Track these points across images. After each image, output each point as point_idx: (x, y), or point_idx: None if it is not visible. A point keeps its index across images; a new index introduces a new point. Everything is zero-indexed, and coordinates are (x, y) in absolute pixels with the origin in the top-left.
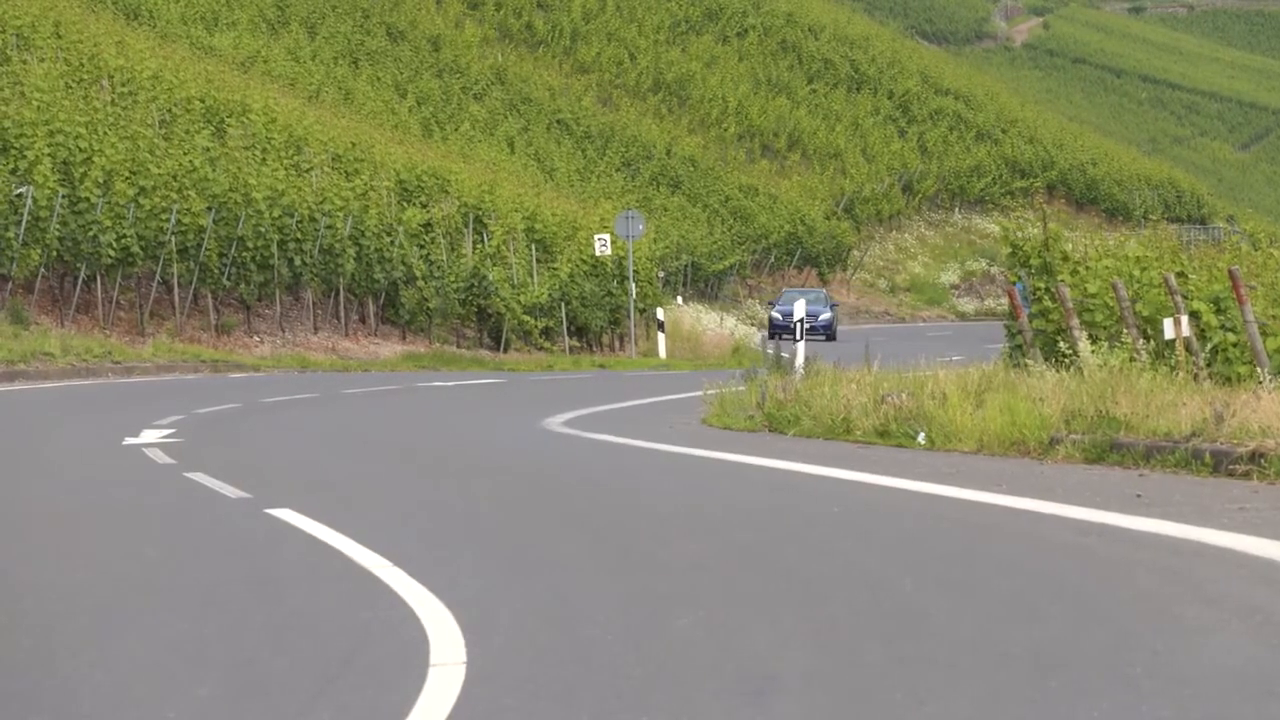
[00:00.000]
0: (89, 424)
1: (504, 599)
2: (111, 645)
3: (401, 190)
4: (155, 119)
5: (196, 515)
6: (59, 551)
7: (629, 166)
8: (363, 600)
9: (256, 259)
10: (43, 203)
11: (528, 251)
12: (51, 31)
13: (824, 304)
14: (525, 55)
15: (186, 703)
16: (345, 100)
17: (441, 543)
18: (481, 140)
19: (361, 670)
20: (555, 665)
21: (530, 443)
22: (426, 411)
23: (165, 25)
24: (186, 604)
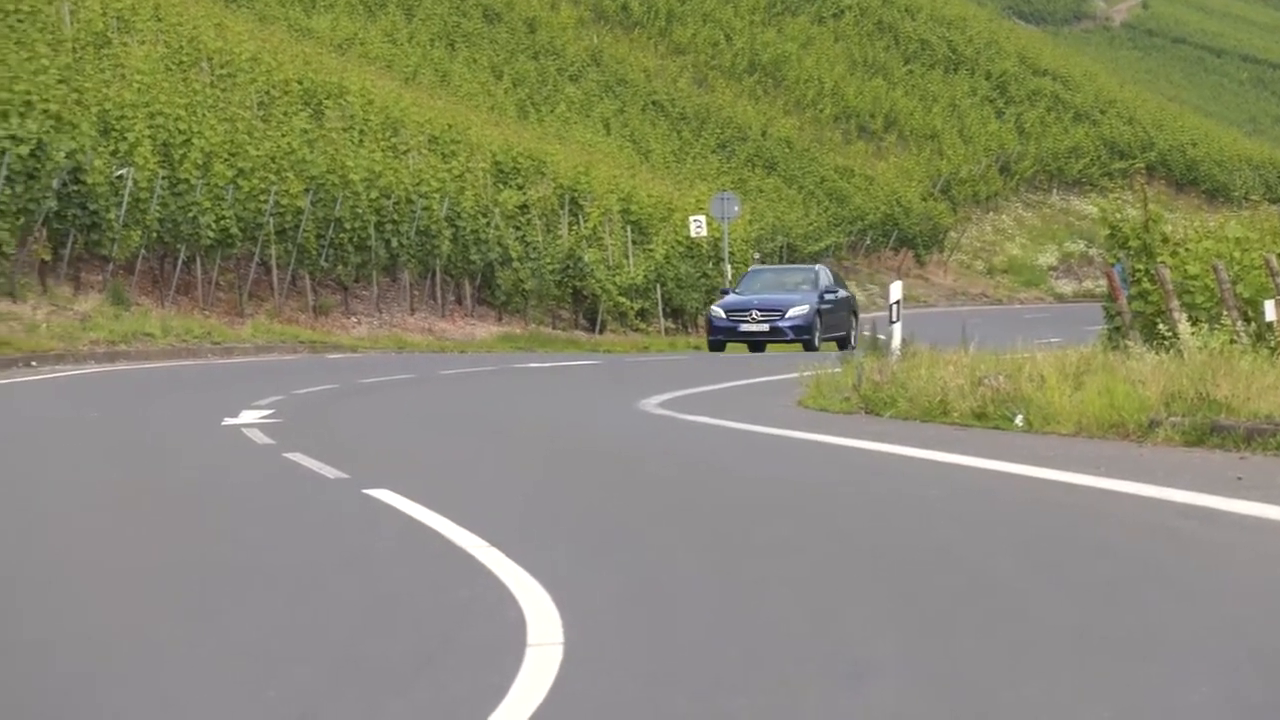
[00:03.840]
0: (188, 404)
1: (600, 580)
2: (211, 625)
3: (498, 172)
4: (254, 101)
5: (295, 496)
6: (158, 532)
7: (724, 148)
8: (460, 580)
9: (354, 240)
10: (143, 184)
11: (623, 233)
12: (152, 14)
13: (811, 289)
14: (621, 37)
15: (286, 682)
16: (442, 82)
17: (538, 523)
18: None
19: (459, 650)
20: (652, 646)
21: (626, 424)
22: (522, 392)
23: (264, 7)
24: (285, 583)
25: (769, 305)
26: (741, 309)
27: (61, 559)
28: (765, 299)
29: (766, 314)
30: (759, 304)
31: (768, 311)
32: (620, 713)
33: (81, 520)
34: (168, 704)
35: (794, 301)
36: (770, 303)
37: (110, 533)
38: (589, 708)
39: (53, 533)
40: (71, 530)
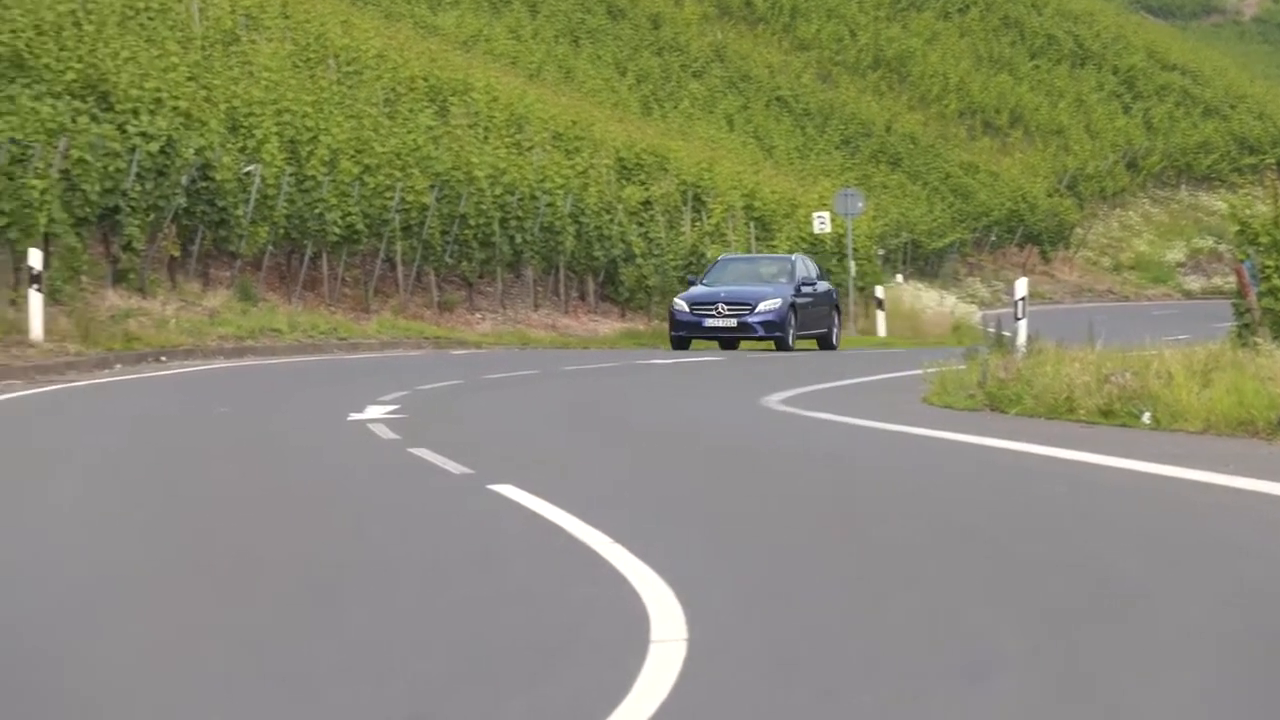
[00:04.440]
0: (314, 399)
1: (724, 576)
2: (337, 619)
3: (621, 168)
4: (380, 98)
5: (420, 491)
6: (285, 526)
7: (848, 144)
8: (584, 576)
9: (478, 237)
10: (270, 181)
11: (746, 229)
12: (279, 12)
13: (786, 280)
14: (745, 32)
15: (411, 677)
16: (566, 79)
17: (661, 519)
18: (700, 118)
19: (583, 646)
20: (775, 643)
21: (749, 420)
22: (646, 388)
23: (390, 5)
24: (411, 579)
25: (737, 298)
26: (707, 302)
27: (191, 554)
28: (734, 291)
29: (734, 308)
30: (726, 297)
31: (735, 305)
32: (744, 710)
33: (211, 515)
34: (295, 697)
35: (765, 295)
36: (739, 295)
37: (238, 528)
38: (712, 705)
39: (184, 528)
40: (202, 526)
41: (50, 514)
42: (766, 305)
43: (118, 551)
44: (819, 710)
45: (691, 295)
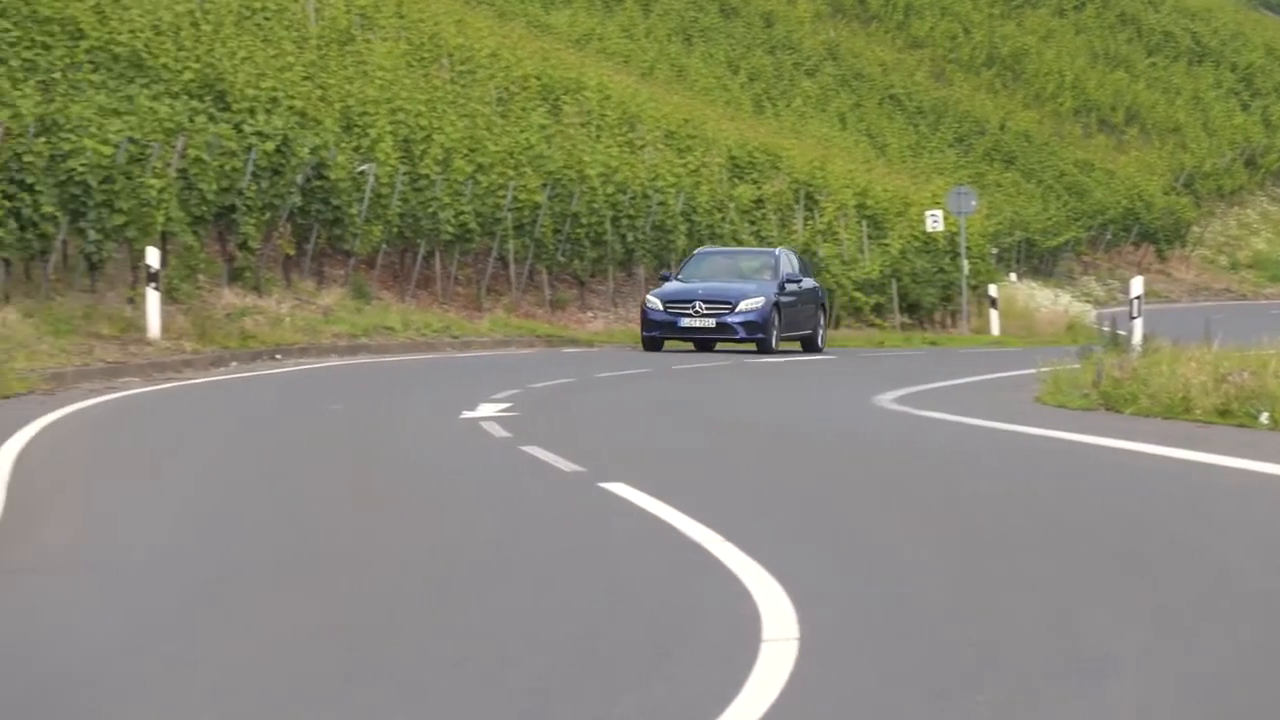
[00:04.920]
0: (427, 397)
1: (835, 575)
2: (451, 617)
3: (733, 166)
4: (493, 97)
5: (531, 489)
6: (399, 524)
7: (962, 142)
8: (695, 574)
9: (590, 235)
10: (384, 180)
11: (859, 228)
12: (394, 11)
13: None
14: (858, 30)
15: (524, 673)
16: (678, 77)
17: (772, 518)
18: (813, 116)
19: (694, 644)
20: (887, 643)
21: (861, 419)
22: (757, 387)
23: (503, 4)
24: (523, 576)
25: (716, 296)
26: (683, 300)
27: (308, 549)
28: (712, 288)
29: (713, 306)
30: (704, 294)
31: (714, 304)
32: (857, 709)
33: (323, 513)
34: (408, 693)
35: (747, 292)
36: (718, 293)
37: (350, 526)
38: (824, 704)
39: (296, 525)
40: (314, 523)
41: (164, 511)
42: (748, 304)
43: (231, 549)
44: (931, 711)
45: (666, 292)
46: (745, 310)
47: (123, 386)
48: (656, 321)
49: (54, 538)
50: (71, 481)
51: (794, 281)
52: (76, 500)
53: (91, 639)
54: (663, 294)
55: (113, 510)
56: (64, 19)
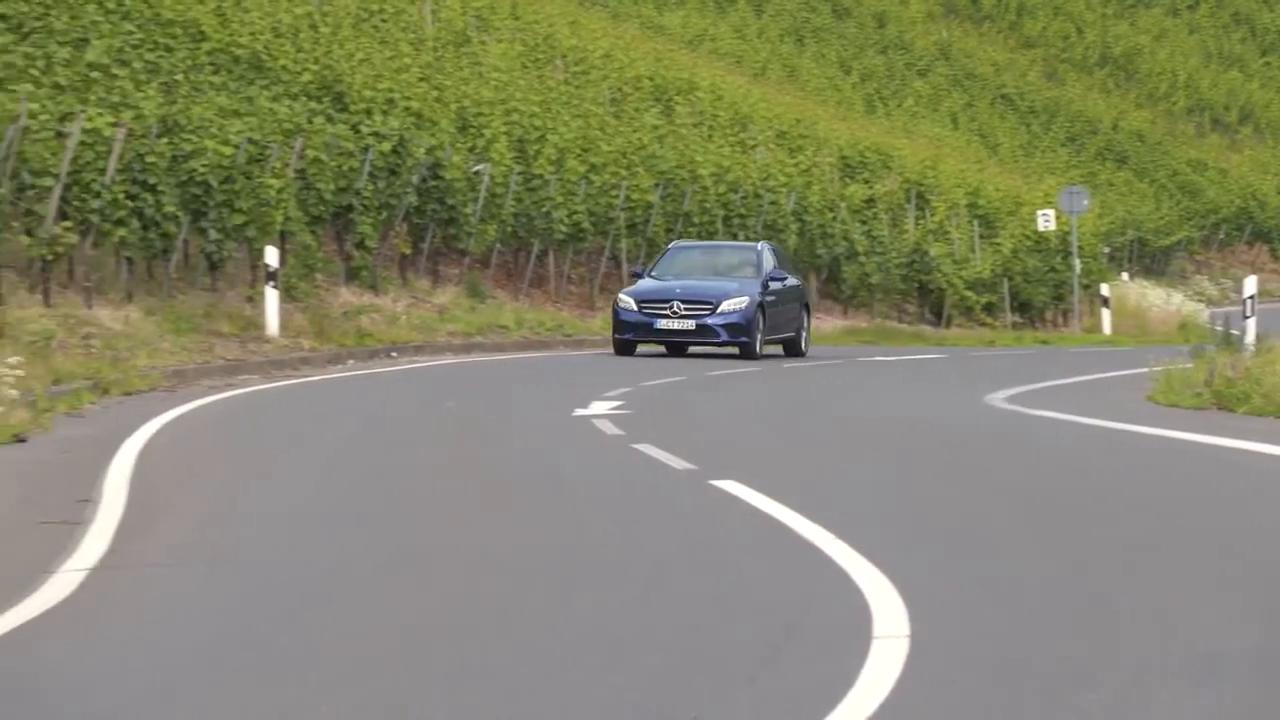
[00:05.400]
0: (540, 395)
1: (946, 573)
2: (564, 613)
3: (844, 166)
4: (606, 97)
5: (643, 486)
6: (512, 521)
7: (1074, 141)
8: (805, 571)
9: (702, 234)
10: (499, 180)
11: (970, 227)
12: (509, 13)
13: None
14: (970, 30)
15: (635, 669)
16: (790, 77)
17: (883, 515)
18: (925, 116)
19: (805, 640)
20: (998, 640)
21: (972, 418)
22: (869, 385)
23: (617, 5)
24: (635, 572)
25: (696, 295)
26: (659, 300)
27: (422, 545)
28: (691, 287)
29: (692, 307)
30: (683, 293)
31: (694, 304)
32: (968, 706)
33: (437, 509)
34: (518, 688)
35: (729, 291)
36: (697, 292)
37: (464, 522)
38: (935, 703)
39: (410, 522)
40: (428, 519)
41: (283, 508)
42: (731, 304)
43: (347, 545)
44: (1044, 708)
45: (640, 291)
46: (728, 311)
47: (242, 384)
48: (630, 323)
49: (175, 533)
50: (192, 478)
51: (777, 279)
52: (197, 496)
53: (211, 633)
54: (637, 293)
55: (232, 506)
56: (186, 22)
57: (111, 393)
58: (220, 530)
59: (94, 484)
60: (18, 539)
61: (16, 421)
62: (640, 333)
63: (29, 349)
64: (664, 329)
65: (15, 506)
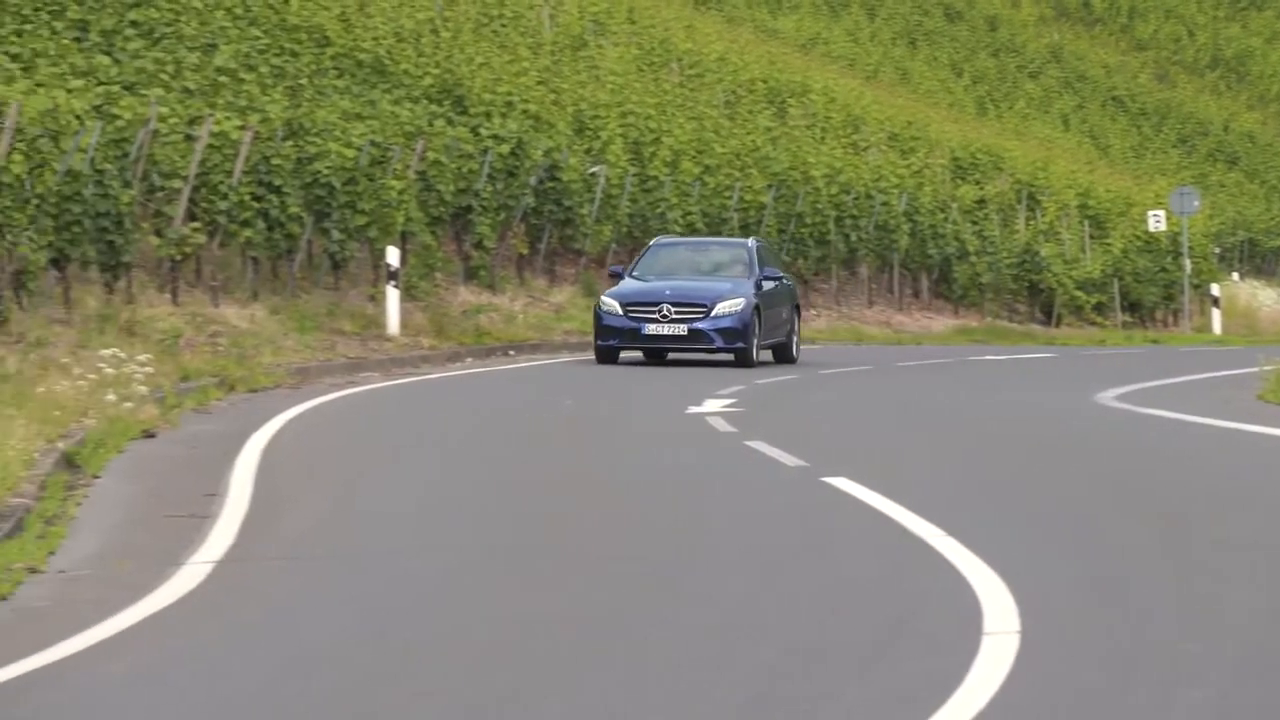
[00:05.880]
0: (655, 393)
1: (1055, 569)
2: (679, 607)
3: (956, 167)
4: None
5: (756, 482)
6: (627, 517)
7: (1185, 143)
8: (916, 567)
9: (814, 235)
10: (614, 181)
11: (1080, 228)
12: (625, 17)
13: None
14: (1081, 33)
15: (750, 662)
16: (902, 80)
17: (993, 512)
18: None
19: (916, 636)
20: (1109, 638)
21: (1083, 416)
22: (978, 384)
23: (731, 9)
24: (747, 568)
25: (687, 297)
26: (647, 302)
27: (540, 541)
28: (682, 288)
29: (684, 310)
30: (673, 295)
31: (685, 307)
32: (1078, 702)
33: (554, 505)
34: (634, 680)
35: (722, 293)
36: (689, 294)
37: (580, 517)
38: (1045, 700)
39: (528, 517)
40: (545, 514)
41: (404, 502)
42: (725, 307)
43: (466, 539)
44: (1152, 704)
45: (624, 293)
46: (722, 314)
47: (363, 381)
48: (614, 328)
49: (298, 528)
50: (315, 473)
51: (771, 279)
52: (319, 492)
53: (336, 624)
54: (621, 295)
55: (355, 501)
56: (311, 27)
57: (237, 389)
58: (342, 525)
59: (220, 479)
60: (147, 532)
61: (146, 417)
62: (626, 339)
63: (158, 347)
64: (653, 334)
65: (144, 500)
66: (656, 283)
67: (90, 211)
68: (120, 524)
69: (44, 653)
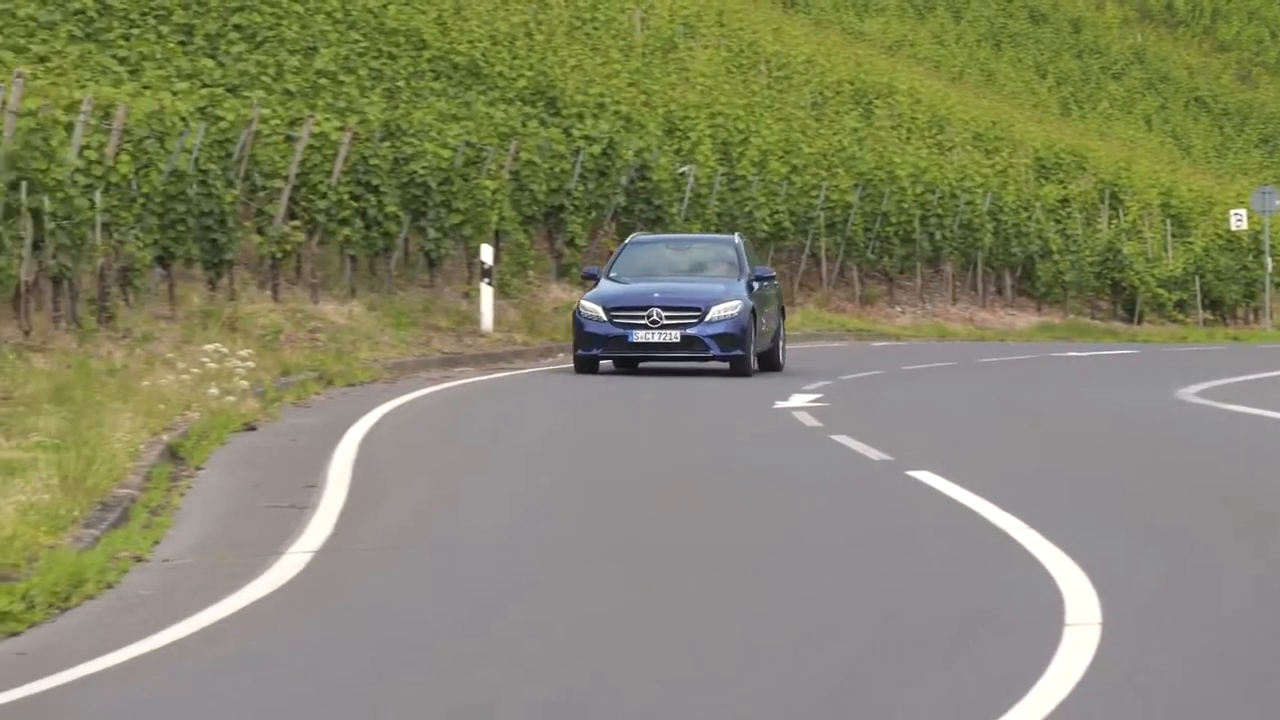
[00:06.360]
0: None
1: (1136, 562)
2: (764, 597)
3: (1039, 167)
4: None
5: (841, 476)
6: (713, 508)
7: (1267, 143)
8: (998, 560)
9: (899, 233)
10: (703, 181)
11: (1162, 226)
12: (715, 20)
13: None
14: (1164, 35)
15: (834, 651)
16: (987, 81)
17: (1074, 506)
18: (1119, 118)
19: (999, 626)
20: (1190, 631)
21: (1164, 412)
22: (1060, 380)
23: (819, 12)
24: (834, 559)
25: (679, 300)
26: (634, 306)
27: (628, 532)
28: (672, 290)
29: (676, 314)
30: (663, 299)
31: (677, 311)
32: (1158, 693)
33: (645, 495)
34: (721, 667)
35: (716, 295)
36: (680, 297)
37: (671, 508)
38: (1127, 689)
39: (616, 509)
40: (633, 506)
41: (497, 494)
42: (721, 310)
43: (556, 531)
44: (1233, 696)
45: (608, 296)
46: (717, 319)
47: (458, 376)
48: (597, 336)
49: (395, 518)
50: (411, 465)
51: (764, 278)
52: (415, 483)
53: (431, 612)
54: (603, 298)
55: (449, 492)
56: (409, 31)
57: (335, 384)
58: (437, 516)
59: (319, 470)
60: (248, 522)
61: (247, 411)
62: (612, 347)
63: (259, 342)
64: (642, 342)
65: (246, 491)
66: (642, 284)
67: (194, 210)
68: (222, 514)
69: (149, 639)
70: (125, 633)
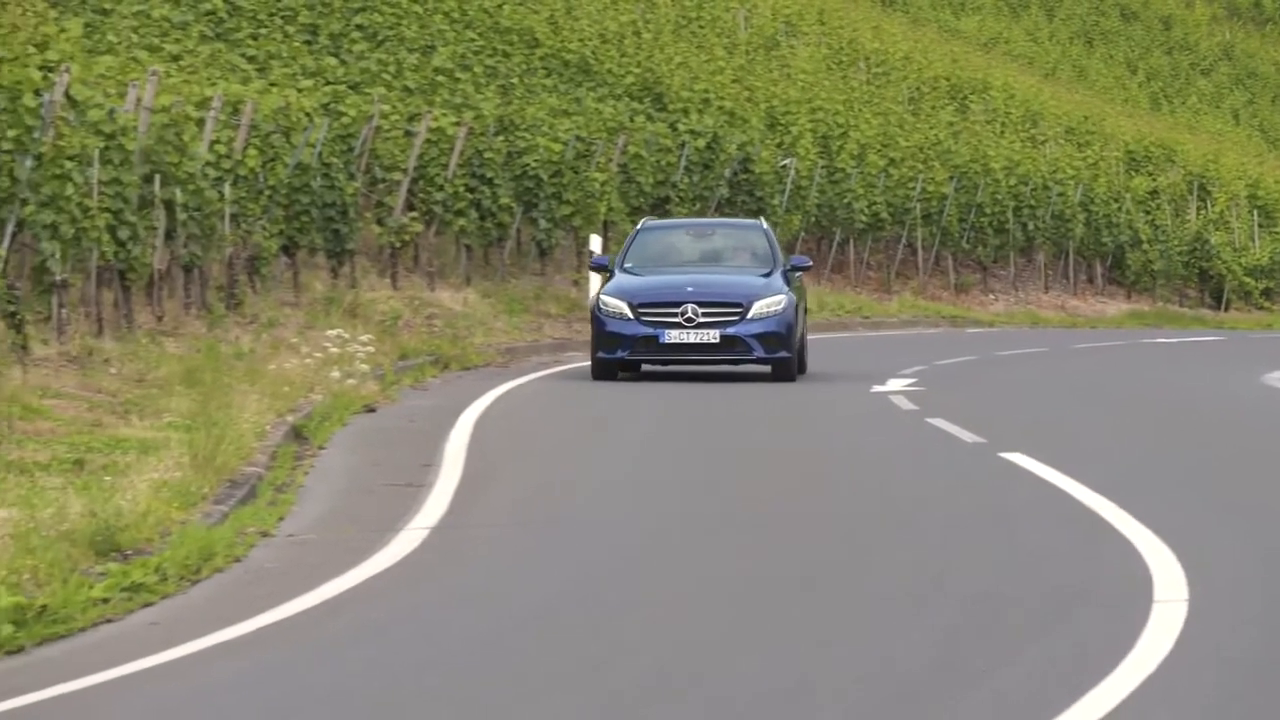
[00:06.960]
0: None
1: (1223, 542)
2: (863, 574)
3: (1129, 160)
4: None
5: (936, 457)
6: (814, 488)
7: None
8: (1089, 539)
9: (993, 224)
10: (804, 173)
11: (1249, 217)
12: (816, 19)
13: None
14: (1253, 32)
15: (930, 627)
16: (1078, 77)
17: (1163, 487)
18: (1207, 113)
19: (1090, 603)
20: (1274, 608)
21: (1251, 396)
22: (1149, 365)
23: (916, 11)
24: (929, 537)
25: (716, 295)
26: (665, 302)
27: (733, 510)
28: (707, 283)
29: (714, 311)
30: (697, 293)
31: (715, 307)
32: (1245, 668)
33: (749, 475)
34: (822, 641)
35: (756, 289)
36: (717, 290)
37: (773, 488)
38: (1213, 661)
39: (725, 487)
40: (741, 485)
41: (605, 473)
42: (765, 307)
43: (663, 509)
44: None
45: (630, 290)
46: (761, 316)
47: (567, 360)
48: (624, 336)
49: (508, 496)
50: (523, 446)
51: (801, 267)
52: (528, 463)
53: (544, 587)
54: (627, 292)
55: (560, 472)
56: (522, 29)
57: (451, 368)
58: (550, 494)
59: (435, 451)
60: (368, 500)
61: (367, 393)
62: (640, 349)
63: (378, 328)
64: (676, 343)
65: (366, 470)
66: (671, 276)
67: (318, 202)
68: (343, 492)
69: (273, 610)
70: (252, 604)
